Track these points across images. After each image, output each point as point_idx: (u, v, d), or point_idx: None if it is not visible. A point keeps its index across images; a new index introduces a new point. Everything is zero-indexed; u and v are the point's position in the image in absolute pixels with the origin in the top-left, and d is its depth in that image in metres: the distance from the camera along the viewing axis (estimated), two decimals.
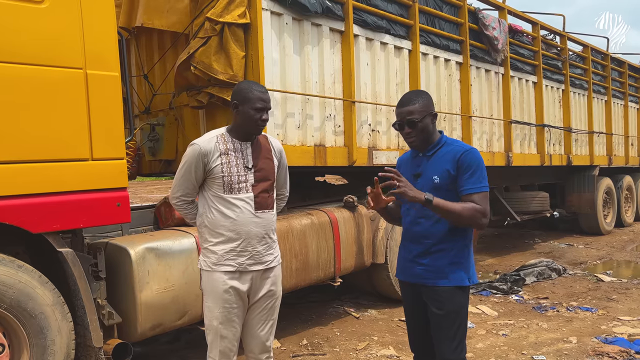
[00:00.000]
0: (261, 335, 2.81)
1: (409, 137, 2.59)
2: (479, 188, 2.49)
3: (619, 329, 4.80)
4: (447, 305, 2.55)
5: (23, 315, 2.86)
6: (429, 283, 2.58)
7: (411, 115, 2.55)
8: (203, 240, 2.75)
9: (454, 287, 2.56)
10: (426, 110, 2.57)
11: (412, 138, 2.59)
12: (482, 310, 5.50)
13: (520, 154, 7.85)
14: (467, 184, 2.50)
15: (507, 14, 7.51)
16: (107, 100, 3.16)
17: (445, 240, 2.55)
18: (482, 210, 2.47)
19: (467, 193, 2.49)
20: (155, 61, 4.96)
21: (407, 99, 2.61)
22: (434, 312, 2.58)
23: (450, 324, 2.56)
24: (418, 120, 2.54)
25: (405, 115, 2.56)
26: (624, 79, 11.40)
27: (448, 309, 2.55)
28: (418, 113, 2.54)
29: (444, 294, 2.55)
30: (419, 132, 2.56)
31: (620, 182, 11.12)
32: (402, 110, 2.58)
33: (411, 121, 2.55)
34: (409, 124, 2.56)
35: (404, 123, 2.57)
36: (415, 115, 2.54)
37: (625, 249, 9.17)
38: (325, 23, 4.86)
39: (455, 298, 2.56)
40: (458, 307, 2.57)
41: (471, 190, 2.49)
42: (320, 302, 5.82)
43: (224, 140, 2.71)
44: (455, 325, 2.56)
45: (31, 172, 2.88)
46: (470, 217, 2.46)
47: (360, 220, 5.12)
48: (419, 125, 2.55)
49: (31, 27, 2.87)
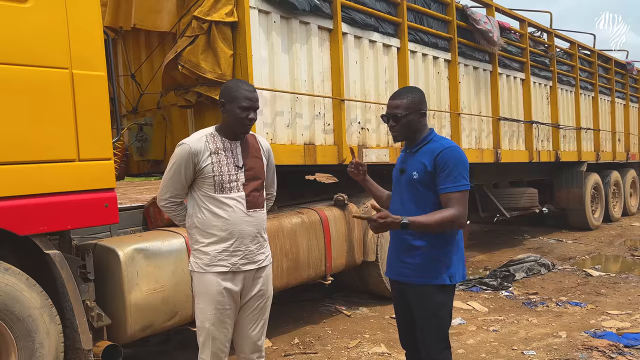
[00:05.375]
0: (252, 335, 2.80)
1: (392, 130, 2.69)
2: (457, 187, 2.47)
3: (608, 323, 4.85)
4: (426, 304, 2.54)
5: (10, 319, 2.83)
6: (410, 281, 2.58)
7: (396, 109, 2.62)
8: (193, 242, 2.73)
9: (434, 286, 2.54)
10: (413, 107, 2.60)
11: (394, 132, 2.68)
12: (472, 307, 5.52)
13: (509, 150, 7.89)
14: (444, 182, 2.49)
15: (494, 11, 7.54)
16: (94, 100, 3.13)
17: (424, 238, 2.53)
18: (457, 215, 2.44)
19: (444, 192, 2.48)
20: (143, 60, 4.92)
21: (398, 94, 2.68)
22: (415, 310, 2.59)
23: (429, 323, 2.55)
24: (401, 115, 2.60)
25: (392, 109, 2.64)
26: (611, 75, 11.50)
27: (427, 308, 2.55)
28: (403, 109, 2.60)
29: (423, 292, 2.54)
30: (401, 126, 2.63)
31: (607, 177, 11.22)
32: (390, 104, 2.66)
33: (395, 115, 2.62)
34: (393, 117, 2.63)
35: (389, 116, 2.65)
36: (400, 110, 2.61)
37: (614, 243, 9.26)
38: (313, 21, 4.85)
39: (433, 297, 2.54)
40: (437, 306, 2.55)
41: (449, 189, 2.47)
42: (311, 300, 5.81)
43: (214, 139, 2.69)
44: (434, 324, 2.55)
45: (17, 173, 2.84)
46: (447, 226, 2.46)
47: (350, 219, 5.12)
48: (402, 121, 2.61)
49: (15, 27, 2.83)
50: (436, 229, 2.47)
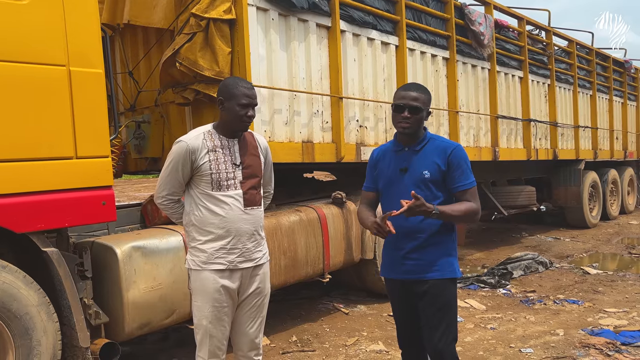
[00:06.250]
0: (250, 332, 2.80)
1: (405, 122, 2.55)
2: (470, 184, 2.59)
3: (605, 321, 4.86)
4: (441, 297, 2.59)
5: (7, 316, 2.82)
6: (422, 277, 2.59)
7: (416, 101, 2.54)
8: (191, 239, 2.72)
9: (446, 279, 2.60)
10: (428, 104, 2.63)
11: (407, 123, 2.55)
12: (470, 304, 5.53)
13: (507, 148, 7.89)
14: (459, 180, 2.57)
15: (493, 9, 7.54)
16: (91, 98, 3.12)
17: (437, 234, 2.59)
18: (477, 209, 2.58)
19: (461, 190, 2.58)
20: (141, 58, 4.91)
21: (415, 86, 2.64)
22: (427, 306, 2.60)
23: (443, 316, 2.59)
24: (421, 109, 2.56)
25: (410, 100, 2.54)
26: (609, 73, 11.51)
27: (442, 301, 2.59)
28: (422, 103, 2.57)
29: (437, 286, 2.58)
30: (415, 120, 2.56)
31: (605, 175, 11.24)
32: (408, 94, 2.55)
33: (414, 107, 2.54)
34: (411, 109, 2.53)
35: (406, 106, 2.54)
36: (419, 103, 2.55)
37: (611, 241, 9.28)
38: (311, 19, 4.84)
39: (447, 290, 2.61)
40: (450, 298, 2.63)
41: (465, 186, 2.58)
42: (309, 298, 5.81)
43: (211, 137, 2.68)
44: (448, 316, 2.60)
45: (14, 171, 2.83)
46: (468, 217, 2.59)
47: (348, 217, 5.12)
48: (419, 115, 2.56)
49: (12, 24, 2.82)
50: (460, 220, 2.58)
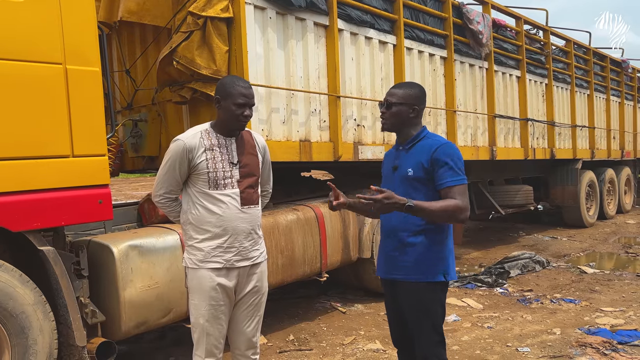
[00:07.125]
0: (247, 331, 2.79)
1: (381, 117, 2.69)
2: (457, 181, 2.47)
3: (602, 320, 4.87)
4: (422, 302, 2.53)
5: (3, 315, 2.81)
6: (404, 279, 2.56)
7: (391, 97, 2.63)
8: (188, 238, 2.72)
9: (428, 283, 2.53)
10: (407, 99, 2.61)
11: (383, 119, 2.68)
12: (467, 303, 5.54)
13: (505, 148, 7.90)
14: (444, 177, 2.48)
15: (490, 8, 7.54)
16: (88, 96, 3.11)
17: (421, 233, 2.53)
18: (461, 206, 2.44)
19: (445, 186, 2.48)
20: (137, 56, 4.89)
21: (399, 85, 2.73)
22: (408, 308, 2.57)
23: (424, 321, 2.54)
24: (392, 103, 2.61)
25: (388, 95, 2.66)
26: (606, 73, 11.53)
27: (422, 306, 2.53)
28: (396, 98, 2.62)
29: (417, 290, 2.53)
30: (390, 115, 2.64)
31: (602, 175, 11.26)
32: (388, 92, 2.68)
33: (388, 102, 2.63)
34: (387, 104, 2.64)
35: (384, 102, 2.67)
36: (393, 98, 2.62)
37: (608, 241, 9.30)
38: (309, 17, 4.83)
39: (429, 294, 2.53)
40: (431, 304, 2.54)
41: (449, 183, 2.47)
42: (306, 297, 5.81)
43: (209, 135, 2.68)
44: (429, 321, 2.54)
45: (10, 169, 2.82)
46: (450, 215, 2.45)
47: (346, 215, 5.12)
48: (393, 109, 2.62)
49: (8, 22, 2.81)
50: (439, 217, 2.45)
